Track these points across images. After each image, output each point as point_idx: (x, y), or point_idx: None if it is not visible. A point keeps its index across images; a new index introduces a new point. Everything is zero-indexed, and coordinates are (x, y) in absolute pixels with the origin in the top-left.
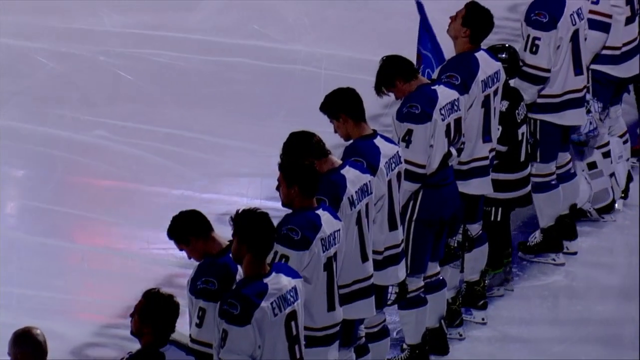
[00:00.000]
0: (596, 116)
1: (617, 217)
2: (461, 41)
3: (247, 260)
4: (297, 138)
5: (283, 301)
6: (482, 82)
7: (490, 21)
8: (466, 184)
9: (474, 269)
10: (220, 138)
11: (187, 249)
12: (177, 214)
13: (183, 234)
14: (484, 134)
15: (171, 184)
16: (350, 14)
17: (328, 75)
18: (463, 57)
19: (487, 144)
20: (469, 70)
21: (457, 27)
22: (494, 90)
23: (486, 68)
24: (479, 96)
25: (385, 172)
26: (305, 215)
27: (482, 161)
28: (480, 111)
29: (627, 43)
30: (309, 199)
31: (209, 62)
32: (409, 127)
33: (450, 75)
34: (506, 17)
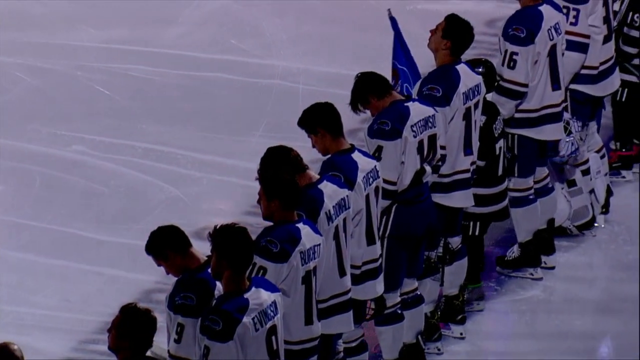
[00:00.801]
0: (577, 136)
1: (597, 232)
2: (442, 54)
3: (226, 276)
4: (274, 153)
5: (264, 316)
6: (463, 95)
7: (470, 33)
8: (448, 196)
9: (453, 283)
10: (198, 153)
11: (165, 265)
12: (155, 229)
13: (161, 249)
14: (465, 146)
15: (149, 199)
16: (327, 29)
17: (305, 90)
18: (444, 69)
19: (468, 156)
20: (451, 82)
21: (437, 40)
22: (475, 103)
23: (467, 80)
24: (461, 108)
25: (363, 186)
26: (284, 228)
27: (464, 174)
28: (462, 124)
29: (604, 62)
30: (290, 213)
31: (187, 77)
32: (379, 144)
33: (432, 87)
34: (484, 32)
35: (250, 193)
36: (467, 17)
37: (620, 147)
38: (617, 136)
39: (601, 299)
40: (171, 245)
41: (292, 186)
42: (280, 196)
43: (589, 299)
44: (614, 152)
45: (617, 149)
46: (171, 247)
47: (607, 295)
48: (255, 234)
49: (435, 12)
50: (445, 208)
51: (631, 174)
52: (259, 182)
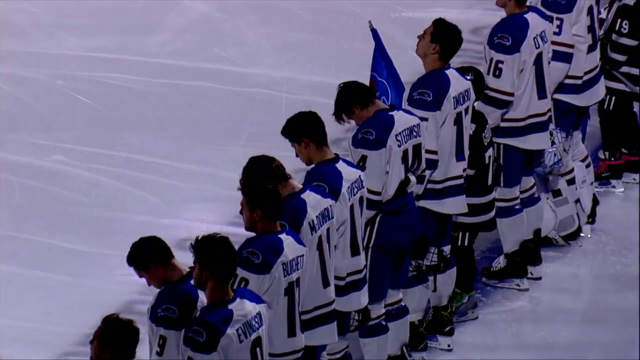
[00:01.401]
0: (560, 147)
1: (584, 242)
2: (431, 58)
3: (210, 287)
4: (256, 162)
5: (248, 327)
6: (453, 99)
7: (459, 37)
8: (440, 203)
9: (442, 293)
10: (180, 163)
11: (147, 276)
12: (137, 240)
13: (143, 260)
14: (457, 152)
15: (131, 209)
16: (311, 37)
17: (289, 98)
18: (434, 74)
19: (460, 162)
20: (441, 86)
21: (425, 45)
22: (465, 108)
23: (457, 85)
24: (451, 113)
25: (348, 196)
26: (267, 239)
27: (457, 180)
28: (453, 129)
29: (589, 71)
30: (272, 223)
31: (169, 86)
32: (363, 154)
33: (422, 92)
34: (469, 40)
35: (233, 203)
36: None
37: (609, 156)
38: (605, 145)
39: (587, 310)
40: (153, 257)
41: (274, 196)
42: (263, 206)
43: (575, 310)
44: (603, 162)
45: (606, 158)
46: (153, 258)
47: (594, 306)
48: (238, 244)
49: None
50: (437, 215)
51: (621, 184)
52: (241, 192)
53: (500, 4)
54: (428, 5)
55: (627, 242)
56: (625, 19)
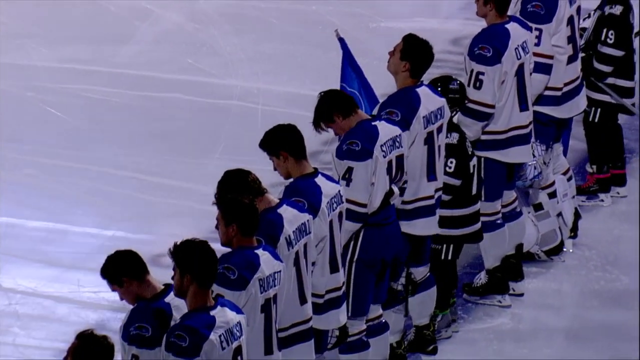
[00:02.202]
0: (540, 160)
1: (566, 257)
2: (402, 76)
3: (191, 292)
4: (232, 176)
5: (230, 335)
6: (423, 118)
7: (429, 53)
8: (411, 224)
9: (422, 313)
10: (154, 177)
11: (119, 291)
12: (113, 253)
13: (117, 274)
14: (429, 172)
15: (103, 224)
16: (288, 48)
17: (265, 111)
18: (404, 92)
19: (432, 182)
20: (410, 105)
21: (396, 62)
22: (438, 127)
23: (428, 104)
24: (421, 133)
25: (327, 212)
26: (243, 255)
27: (428, 200)
28: (423, 148)
29: (569, 83)
30: (249, 238)
31: (142, 98)
32: (349, 165)
33: (390, 112)
34: (449, 51)
35: (209, 218)
36: (431, 36)
37: (597, 170)
38: (592, 159)
39: (571, 327)
40: (127, 272)
41: (251, 211)
42: (239, 221)
43: (559, 327)
44: (590, 175)
45: (594, 171)
46: (127, 273)
47: (577, 323)
48: None
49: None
50: (409, 236)
51: (609, 198)
52: (216, 206)
53: (481, 14)
54: (408, 15)
55: (611, 257)
56: (611, 29)
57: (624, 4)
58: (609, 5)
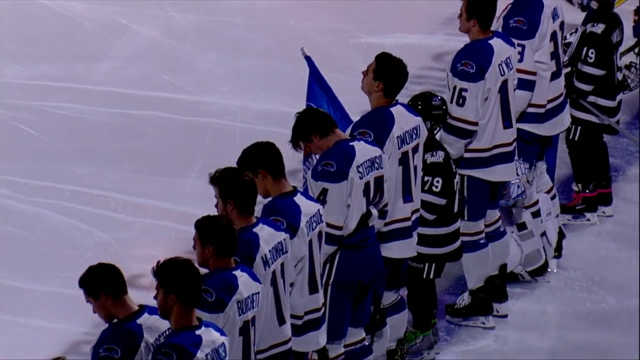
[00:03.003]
0: (523, 179)
1: (551, 278)
2: (375, 96)
3: (176, 312)
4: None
5: (216, 354)
6: (397, 139)
7: (403, 72)
8: (387, 247)
9: (392, 337)
10: (129, 196)
11: (94, 304)
12: (95, 265)
13: (95, 287)
14: (404, 193)
15: (78, 244)
16: (266, 64)
17: (243, 128)
18: (377, 112)
19: (408, 204)
20: (383, 126)
21: (369, 82)
22: (413, 147)
23: (403, 123)
24: (395, 153)
25: (306, 231)
26: (220, 277)
27: (404, 222)
28: (398, 169)
29: (553, 99)
30: (226, 259)
31: (118, 115)
32: (323, 186)
33: (363, 132)
34: (431, 67)
35: (186, 238)
36: (413, 52)
37: (582, 188)
38: (577, 177)
39: (555, 349)
40: (106, 287)
41: (228, 232)
42: (215, 242)
43: (543, 349)
44: (577, 194)
45: (580, 190)
46: (105, 288)
47: (562, 345)
48: None
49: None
50: (386, 259)
51: (596, 217)
52: (194, 226)
53: (464, 29)
54: (388, 31)
55: (597, 278)
56: (591, 48)
57: (607, 22)
58: (591, 23)
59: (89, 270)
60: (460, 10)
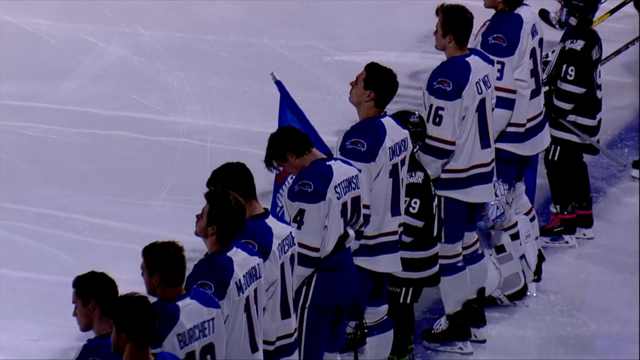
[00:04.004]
0: (503, 200)
1: (530, 302)
2: (365, 106)
3: (128, 352)
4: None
5: None
6: (389, 149)
7: (394, 81)
8: (373, 260)
9: (378, 356)
10: (97, 218)
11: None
12: (99, 272)
13: (90, 292)
14: (393, 206)
15: (43, 269)
16: (237, 83)
17: (214, 148)
18: (369, 122)
19: (396, 217)
20: (376, 136)
21: (359, 92)
22: (402, 160)
23: (393, 135)
24: (387, 164)
25: (278, 254)
26: (162, 308)
27: (391, 236)
28: (388, 181)
29: (532, 118)
30: (173, 289)
31: (85, 135)
32: (300, 207)
33: (356, 142)
34: (407, 85)
35: None
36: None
37: (561, 210)
38: (555, 198)
39: None
40: (99, 294)
41: (175, 260)
42: (162, 271)
43: None
44: (555, 216)
45: (558, 212)
46: (98, 296)
47: None
48: None
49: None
50: (370, 273)
51: (574, 239)
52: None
53: (440, 46)
54: (363, 49)
55: (577, 302)
56: (571, 65)
57: (586, 39)
58: (570, 39)
59: (91, 274)
60: (436, 27)
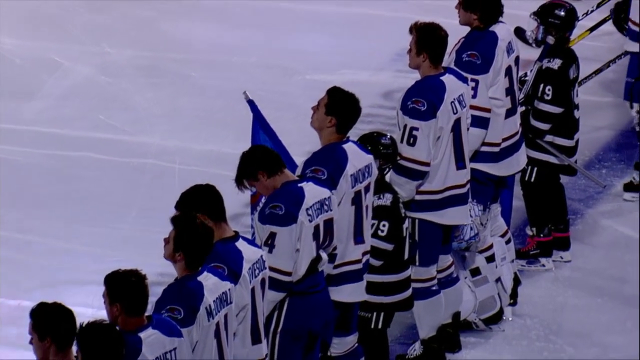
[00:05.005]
0: (477, 221)
1: (506, 326)
2: (327, 132)
3: None
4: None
5: None
6: (351, 177)
7: (356, 107)
8: (337, 290)
9: None
10: (62, 242)
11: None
12: (55, 304)
13: (45, 329)
14: (356, 234)
15: (5, 293)
16: (207, 103)
17: (182, 170)
18: (330, 149)
19: (359, 245)
20: (337, 163)
21: (320, 117)
22: (365, 186)
23: (356, 161)
24: (349, 192)
25: (249, 278)
26: (125, 342)
27: (355, 265)
28: (351, 209)
29: (508, 138)
30: (135, 319)
31: (49, 157)
32: (271, 230)
33: (316, 169)
34: (380, 105)
35: None
36: (361, 89)
37: (537, 232)
38: (532, 220)
39: None
40: (55, 333)
41: (137, 289)
42: (123, 300)
43: None
44: (531, 239)
45: (534, 234)
46: (54, 334)
47: None
48: None
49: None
50: (336, 303)
51: (551, 262)
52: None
53: (414, 65)
54: (334, 67)
55: (554, 327)
56: (548, 84)
57: (564, 57)
58: (547, 58)
59: (50, 308)
60: (410, 45)
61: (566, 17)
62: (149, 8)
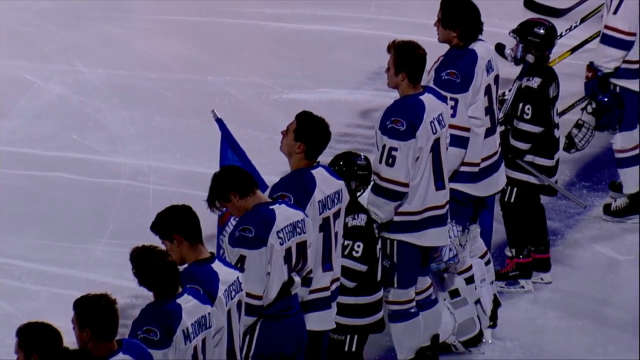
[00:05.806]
0: (456, 241)
1: (485, 349)
2: (296, 157)
3: None
4: None
5: None
6: (319, 203)
7: (326, 132)
8: (305, 318)
9: None
10: (35, 263)
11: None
12: (43, 323)
13: (31, 346)
14: (324, 261)
15: None
16: (181, 122)
17: (157, 190)
18: (297, 174)
19: (327, 272)
20: (304, 189)
21: (289, 143)
22: (335, 212)
23: (324, 187)
24: (316, 219)
25: (225, 301)
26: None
27: (323, 292)
28: (319, 235)
29: (487, 158)
30: (105, 345)
31: (22, 177)
32: (241, 253)
33: (283, 195)
34: (357, 124)
35: None
36: (338, 108)
37: (516, 254)
38: (511, 241)
39: None
40: (41, 351)
41: (106, 314)
42: (92, 326)
43: None
44: (510, 260)
45: (514, 255)
46: (42, 352)
47: None
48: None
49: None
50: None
51: (530, 284)
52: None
53: (392, 84)
54: (311, 86)
55: (534, 349)
56: (527, 103)
57: (543, 76)
58: (527, 77)
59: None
60: (388, 64)
61: (546, 36)
62: (122, 26)
